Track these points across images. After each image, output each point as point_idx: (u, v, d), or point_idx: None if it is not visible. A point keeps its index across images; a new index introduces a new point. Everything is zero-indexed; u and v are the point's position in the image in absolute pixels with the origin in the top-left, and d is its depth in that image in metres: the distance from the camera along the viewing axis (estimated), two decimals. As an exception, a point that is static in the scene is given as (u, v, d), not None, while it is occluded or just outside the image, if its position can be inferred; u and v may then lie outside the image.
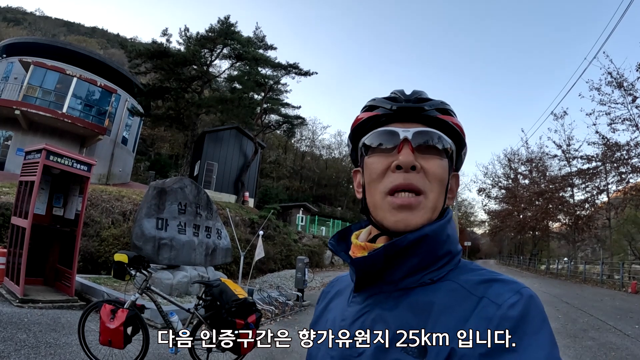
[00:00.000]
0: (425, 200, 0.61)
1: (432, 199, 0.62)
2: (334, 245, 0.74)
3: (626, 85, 19.99)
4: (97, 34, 74.21)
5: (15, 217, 6.38)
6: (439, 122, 0.65)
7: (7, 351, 3.84)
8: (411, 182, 0.61)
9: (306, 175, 47.48)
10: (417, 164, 0.61)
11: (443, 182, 0.63)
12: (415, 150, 0.62)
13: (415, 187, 0.61)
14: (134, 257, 4.05)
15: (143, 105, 21.25)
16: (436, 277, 0.61)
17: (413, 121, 0.65)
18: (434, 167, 0.62)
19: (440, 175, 0.63)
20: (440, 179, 0.63)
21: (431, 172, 0.62)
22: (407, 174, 0.61)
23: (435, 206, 0.62)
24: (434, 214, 0.62)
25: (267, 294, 8.37)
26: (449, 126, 0.66)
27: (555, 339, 0.52)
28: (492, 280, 0.57)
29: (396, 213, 0.61)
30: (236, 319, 3.68)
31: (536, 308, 0.53)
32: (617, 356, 5.74)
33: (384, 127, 0.66)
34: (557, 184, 28.98)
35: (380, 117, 0.67)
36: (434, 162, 0.63)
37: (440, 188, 0.63)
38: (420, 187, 0.61)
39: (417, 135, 0.63)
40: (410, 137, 0.63)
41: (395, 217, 0.61)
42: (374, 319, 0.62)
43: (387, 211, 0.62)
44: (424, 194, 0.61)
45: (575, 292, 14.74)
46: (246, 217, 16.24)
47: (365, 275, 0.64)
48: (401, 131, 0.64)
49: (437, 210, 0.63)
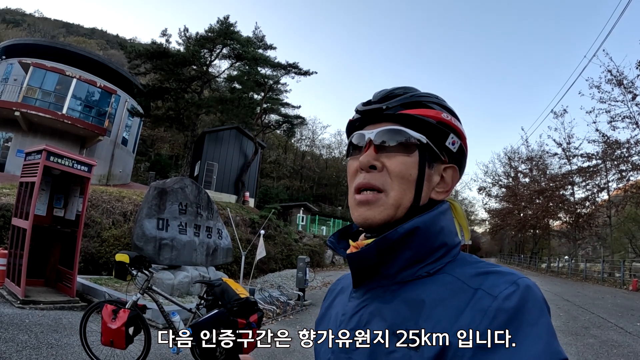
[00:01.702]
0: (386, 197, 0.63)
1: (393, 196, 0.63)
2: (333, 242, 0.74)
3: (626, 83, 20.00)
4: (96, 35, 74.21)
5: (15, 218, 6.38)
6: (406, 117, 0.65)
7: (8, 352, 3.85)
8: (369, 182, 0.63)
9: (306, 174, 47.50)
10: (377, 162, 0.64)
11: (406, 178, 0.63)
12: (379, 149, 0.65)
13: (374, 185, 0.63)
14: (135, 257, 4.05)
15: (143, 105, 21.26)
16: (433, 269, 0.61)
17: (381, 121, 0.67)
18: (394, 165, 0.63)
19: (401, 171, 0.63)
20: (402, 176, 0.63)
21: (392, 169, 0.63)
22: (367, 173, 0.64)
23: (398, 203, 0.63)
24: (398, 210, 0.63)
25: (269, 294, 8.38)
26: (417, 119, 0.65)
27: (553, 330, 0.51)
28: (489, 272, 0.57)
29: (357, 208, 0.64)
30: (238, 319, 3.68)
31: (534, 298, 0.52)
32: (618, 354, 5.73)
33: (356, 131, 0.69)
34: (557, 182, 29.00)
35: (355, 122, 0.71)
36: (395, 159, 0.64)
37: (403, 185, 0.63)
38: (378, 185, 0.63)
39: (378, 135, 0.65)
40: (373, 137, 0.65)
41: (357, 212, 0.64)
42: (372, 312, 0.63)
43: (353, 207, 0.66)
44: (385, 191, 0.63)
45: (576, 290, 14.75)
46: (247, 217, 16.24)
47: (361, 270, 0.65)
48: (367, 133, 0.66)
49: (402, 207, 0.63)
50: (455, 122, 0.67)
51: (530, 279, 0.55)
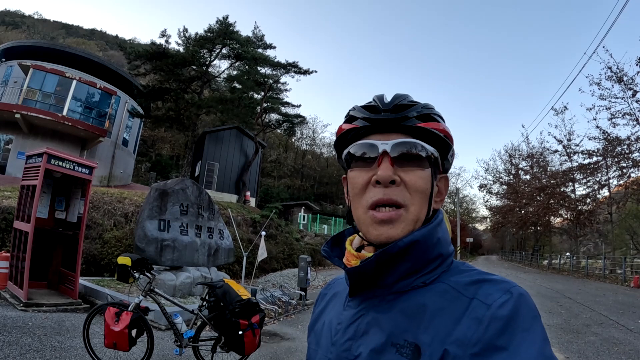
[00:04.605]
0: (406, 213, 0.61)
1: (413, 212, 0.62)
2: (327, 251, 0.73)
3: (626, 80, 20.01)
4: (95, 36, 74.20)
5: (17, 222, 6.40)
6: (420, 130, 0.64)
7: (12, 355, 3.87)
8: (391, 197, 0.61)
9: (307, 173, 47.51)
10: (397, 177, 0.61)
11: (424, 192, 0.63)
12: (395, 162, 0.62)
13: (396, 202, 0.61)
14: (137, 259, 4.07)
15: (143, 106, 21.27)
16: (428, 279, 0.61)
17: (392, 131, 0.64)
18: (415, 180, 0.62)
19: (421, 187, 0.62)
20: (422, 191, 0.62)
21: (411, 184, 0.62)
22: (387, 188, 0.61)
23: (417, 218, 0.62)
24: (416, 225, 0.62)
25: (270, 294, 8.40)
26: (430, 132, 0.64)
27: (547, 336, 0.53)
28: (482, 280, 0.58)
29: (378, 227, 0.61)
30: (240, 320, 3.70)
31: (526, 306, 0.54)
32: (619, 351, 5.74)
33: (363, 140, 0.65)
34: (558, 179, 28.98)
35: (359, 129, 0.66)
36: (414, 174, 0.62)
37: (422, 199, 0.62)
38: (400, 201, 0.61)
39: (395, 147, 0.62)
40: (389, 149, 0.62)
41: (378, 231, 0.61)
42: (369, 322, 0.62)
43: (370, 225, 0.62)
44: (405, 207, 0.61)
45: (577, 287, 14.75)
46: (248, 216, 16.25)
47: (359, 281, 0.64)
48: (380, 144, 0.63)
49: (419, 221, 0.63)
50: (451, 134, 0.67)
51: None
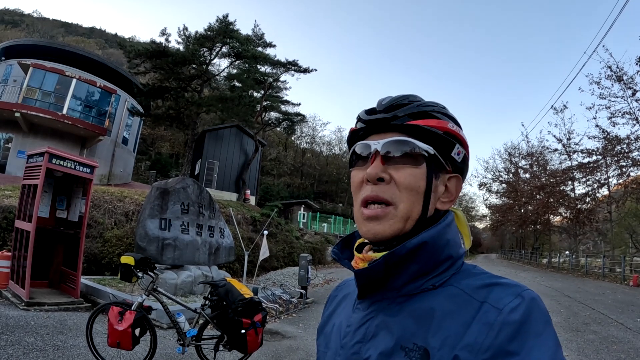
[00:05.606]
0: (395, 210, 0.62)
1: (402, 209, 0.62)
2: (337, 253, 0.74)
3: (626, 79, 19.99)
4: (95, 34, 74.02)
5: (19, 221, 6.41)
6: (414, 128, 0.64)
7: (15, 354, 3.88)
8: (378, 194, 0.62)
9: (307, 172, 47.52)
10: (385, 175, 0.62)
11: (416, 190, 0.62)
12: (386, 161, 0.63)
13: (383, 199, 0.62)
14: (140, 259, 4.08)
15: (143, 105, 21.24)
16: (438, 282, 0.61)
17: (387, 131, 0.65)
18: (403, 177, 0.62)
19: (410, 184, 0.62)
20: (412, 188, 0.62)
21: (400, 182, 0.62)
22: (375, 186, 0.62)
23: (407, 216, 0.62)
24: (407, 223, 0.62)
25: (271, 292, 8.42)
26: (424, 129, 0.63)
27: (558, 341, 0.53)
28: (493, 284, 0.57)
29: (367, 223, 0.63)
30: (242, 319, 3.72)
31: (538, 310, 0.53)
32: (619, 349, 5.77)
33: (361, 141, 0.67)
34: (557, 178, 28.98)
35: (359, 131, 0.69)
36: (404, 171, 0.62)
37: (412, 197, 0.62)
38: (387, 198, 0.62)
39: (385, 146, 0.63)
40: (379, 148, 0.63)
41: (366, 227, 0.63)
42: (378, 325, 0.62)
43: (360, 222, 0.64)
44: (394, 204, 0.62)
45: (577, 286, 14.78)
46: (248, 215, 16.26)
47: (367, 284, 0.64)
48: (372, 144, 0.64)
49: (410, 220, 0.62)
50: (460, 132, 0.67)
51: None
